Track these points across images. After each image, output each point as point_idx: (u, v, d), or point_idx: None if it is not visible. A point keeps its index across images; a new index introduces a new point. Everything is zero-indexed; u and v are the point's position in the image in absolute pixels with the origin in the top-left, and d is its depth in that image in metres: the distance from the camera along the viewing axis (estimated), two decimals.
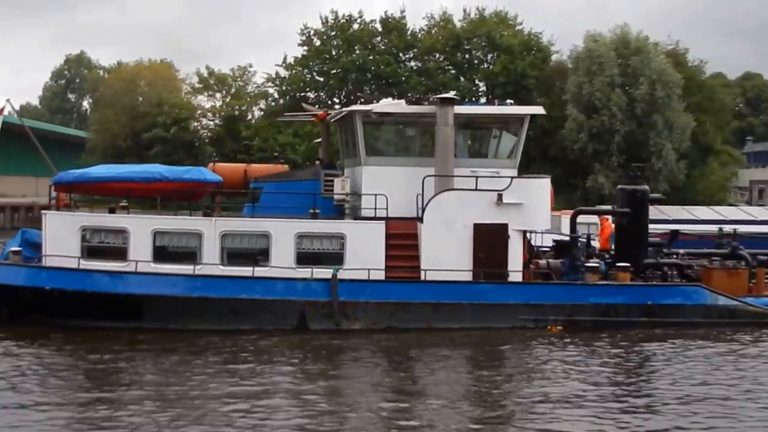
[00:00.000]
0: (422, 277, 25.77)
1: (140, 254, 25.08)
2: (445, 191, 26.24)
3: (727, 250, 29.91)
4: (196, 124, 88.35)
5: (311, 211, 26.16)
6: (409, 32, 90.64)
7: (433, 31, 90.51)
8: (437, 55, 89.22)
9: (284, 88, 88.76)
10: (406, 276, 25.86)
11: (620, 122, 74.03)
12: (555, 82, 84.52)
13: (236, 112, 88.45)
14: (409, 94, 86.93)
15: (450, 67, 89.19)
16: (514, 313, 25.60)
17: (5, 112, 28.42)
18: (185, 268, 25.06)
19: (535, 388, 19.09)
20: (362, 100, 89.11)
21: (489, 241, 26.04)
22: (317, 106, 69.57)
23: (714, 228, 36.07)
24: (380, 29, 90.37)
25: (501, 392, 18.89)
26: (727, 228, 34.71)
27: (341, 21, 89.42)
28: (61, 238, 25.22)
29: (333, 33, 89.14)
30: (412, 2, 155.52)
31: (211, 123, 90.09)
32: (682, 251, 30.54)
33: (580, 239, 28.87)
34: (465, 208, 26.13)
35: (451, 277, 25.58)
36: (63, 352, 21.97)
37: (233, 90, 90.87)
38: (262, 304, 24.64)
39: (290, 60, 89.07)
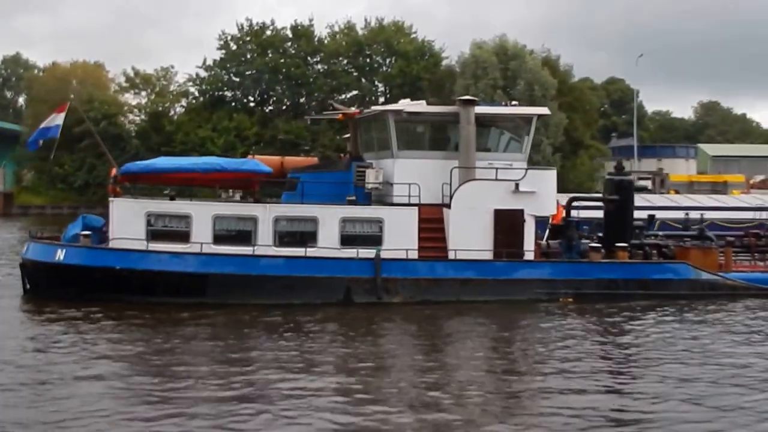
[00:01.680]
0: (449, 257, 27.46)
1: (201, 237, 26.27)
2: (469, 181, 27.77)
3: (696, 232, 32.21)
4: (123, 119, 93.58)
5: (348, 198, 27.85)
6: (316, 38, 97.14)
7: (338, 38, 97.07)
8: (341, 59, 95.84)
9: (204, 87, 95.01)
10: (435, 255, 27.51)
11: None
12: (445, 84, 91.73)
13: (160, 109, 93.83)
14: (316, 93, 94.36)
15: (353, 70, 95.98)
16: (531, 287, 27.38)
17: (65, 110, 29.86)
18: (244, 249, 26.44)
19: (547, 350, 20.55)
20: (274, 98, 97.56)
21: (507, 225, 27.67)
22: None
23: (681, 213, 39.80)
24: (290, 35, 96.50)
25: (520, 356, 20.45)
26: (694, 214, 38.78)
27: (255, 28, 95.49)
28: (128, 222, 26.32)
29: (248, 38, 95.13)
30: (319, 11, 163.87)
31: (137, 118, 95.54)
32: (660, 233, 32.66)
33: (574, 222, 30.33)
34: (486, 196, 27.65)
35: (474, 256, 27.27)
36: (135, 325, 22.71)
37: (157, 89, 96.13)
38: (313, 281, 26.22)
39: (209, 62, 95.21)
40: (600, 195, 33.47)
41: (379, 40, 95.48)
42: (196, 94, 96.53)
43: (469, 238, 27.46)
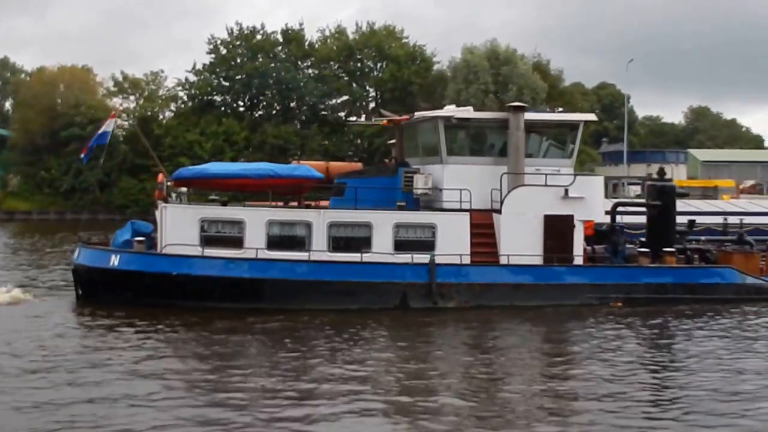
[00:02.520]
0: (500, 262, 27.78)
1: (255, 242, 26.51)
2: (520, 187, 28.11)
3: (735, 237, 33.02)
4: None
5: (398, 203, 28.22)
6: (306, 43, 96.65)
7: (329, 42, 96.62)
8: (332, 64, 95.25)
9: (193, 92, 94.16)
10: (486, 260, 27.83)
11: None
12: (436, 88, 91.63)
13: (149, 114, 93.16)
14: (306, 98, 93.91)
15: (343, 75, 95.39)
16: (583, 292, 27.87)
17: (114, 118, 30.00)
18: (300, 255, 26.67)
19: (599, 354, 20.97)
20: (264, 103, 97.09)
21: (557, 230, 28.04)
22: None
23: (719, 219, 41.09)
24: (281, 39, 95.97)
25: (576, 355, 21.14)
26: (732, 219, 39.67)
27: (245, 32, 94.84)
28: (181, 228, 26.41)
29: (238, 42, 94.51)
30: (312, 14, 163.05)
31: (126, 123, 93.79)
32: (703, 238, 33.66)
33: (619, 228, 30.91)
34: (536, 202, 28.03)
35: (524, 261, 27.68)
36: (194, 331, 23.07)
37: (146, 93, 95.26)
38: (370, 286, 26.50)
39: (199, 66, 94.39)
40: (644, 201, 34.02)
41: (370, 45, 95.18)
42: (185, 98, 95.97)
43: (520, 243, 27.76)
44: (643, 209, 32.51)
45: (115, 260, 26.60)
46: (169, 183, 27.88)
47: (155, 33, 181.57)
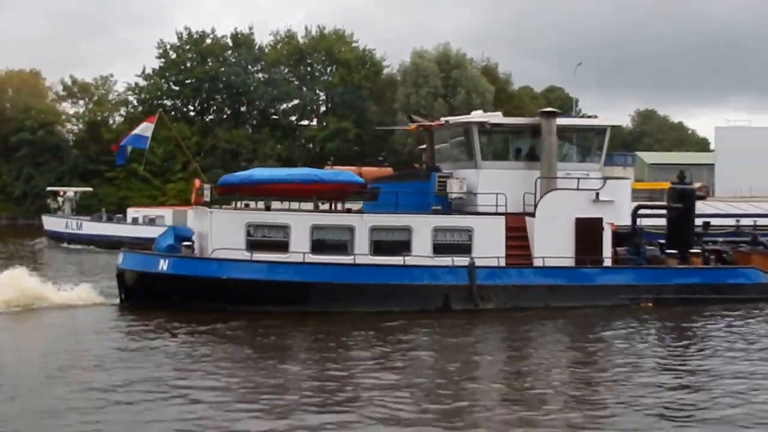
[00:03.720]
0: (534, 264, 28.34)
1: (300, 247, 26.84)
2: (552, 191, 28.63)
3: (749, 238, 33.78)
4: (61, 128, 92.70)
5: (433, 207, 28.69)
6: (257, 47, 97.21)
7: (279, 46, 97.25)
8: (282, 68, 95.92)
9: (143, 96, 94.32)
10: (520, 263, 28.34)
11: None
12: (386, 92, 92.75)
13: (99, 118, 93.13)
14: (257, 102, 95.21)
15: (294, 79, 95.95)
16: (616, 293, 28.39)
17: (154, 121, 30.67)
18: (345, 258, 27.20)
19: (632, 355, 20.99)
20: (215, 107, 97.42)
21: (588, 232, 28.57)
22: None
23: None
24: (231, 44, 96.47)
25: (610, 354, 21.38)
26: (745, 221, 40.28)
27: (195, 36, 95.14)
28: (227, 233, 26.77)
29: (188, 47, 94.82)
30: (262, 20, 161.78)
31: (75, 128, 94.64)
32: (720, 239, 34.35)
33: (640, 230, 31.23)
34: (569, 205, 28.47)
35: (556, 263, 28.25)
36: (245, 333, 23.37)
37: (96, 98, 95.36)
38: (412, 289, 27.00)
39: (149, 71, 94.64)
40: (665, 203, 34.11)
41: (320, 49, 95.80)
42: (135, 103, 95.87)
43: (553, 245, 28.25)
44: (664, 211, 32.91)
45: (164, 264, 26.79)
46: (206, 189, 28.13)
47: (104, 37, 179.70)
